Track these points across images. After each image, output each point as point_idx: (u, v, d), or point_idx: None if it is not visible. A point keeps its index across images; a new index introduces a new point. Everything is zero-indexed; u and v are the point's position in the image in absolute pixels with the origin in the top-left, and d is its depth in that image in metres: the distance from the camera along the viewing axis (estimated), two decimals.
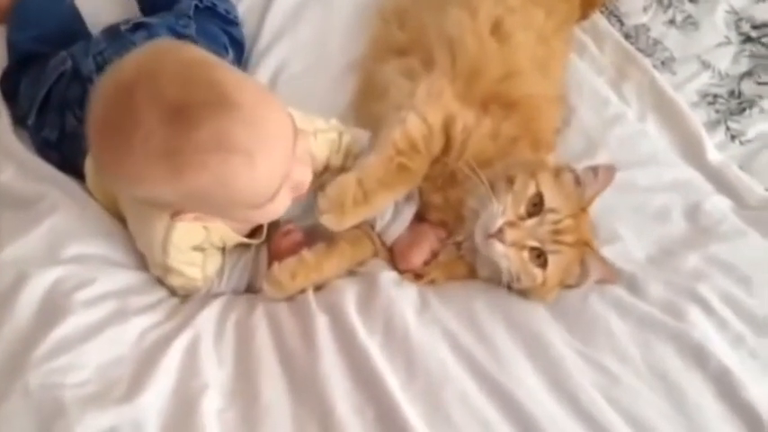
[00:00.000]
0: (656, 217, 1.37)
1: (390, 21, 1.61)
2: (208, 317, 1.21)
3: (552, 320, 1.20)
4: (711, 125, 1.58)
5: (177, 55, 1.01)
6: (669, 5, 1.77)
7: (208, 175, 0.99)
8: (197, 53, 1.03)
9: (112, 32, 1.42)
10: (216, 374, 1.12)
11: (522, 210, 1.23)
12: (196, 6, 1.51)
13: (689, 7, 1.77)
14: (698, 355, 1.15)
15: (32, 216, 1.25)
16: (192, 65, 1.00)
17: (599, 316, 1.21)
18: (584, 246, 1.25)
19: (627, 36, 1.73)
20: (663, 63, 1.68)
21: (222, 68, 1.02)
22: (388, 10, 1.64)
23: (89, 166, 1.30)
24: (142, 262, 1.29)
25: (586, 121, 1.53)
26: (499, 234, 1.21)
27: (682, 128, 1.54)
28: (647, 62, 1.65)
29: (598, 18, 1.75)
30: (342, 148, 1.34)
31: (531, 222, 1.22)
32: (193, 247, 1.21)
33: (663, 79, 1.62)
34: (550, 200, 1.23)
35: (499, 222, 1.21)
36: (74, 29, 1.54)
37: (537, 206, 1.23)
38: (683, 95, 1.61)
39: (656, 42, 1.72)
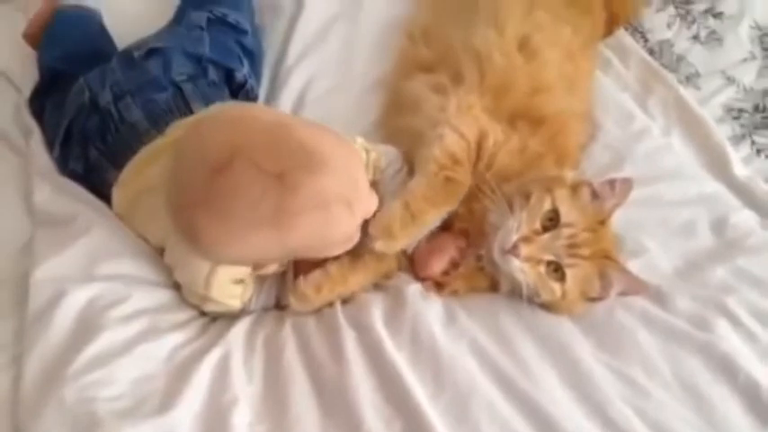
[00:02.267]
0: (682, 231, 1.37)
1: (416, 38, 1.63)
2: (237, 333, 1.23)
3: (579, 333, 1.20)
4: (736, 139, 1.58)
5: (256, 123, 1.05)
6: (693, 21, 1.78)
7: (312, 231, 1.05)
8: (270, 116, 1.09)
9: (127, 60, 1.43)
10: (246, 389, 1.13)
11: (538, 225, 1.23)
12: (208, 18, 1.52)
13: (713, 23, 1.78)
14: (726, 368, 1.15)
15: (67, 235, 1.27)
16: (274, 131, 1.04)
17: (626, 329, 1.21)
18: (604, 258, 1.25)
19: (651, 52, 1.74)
20: (687, 78, 1.69)
21: (298, 127, 1.06)
22: (413, 27, 1.66)
23: (116, 198, 1.33)
24: (174, 282, 1.31)
25: (612, 136, 1.53)
26: (514, 250, 1.22)
27: (707, 142, 1.54)
28: (671, 77, 1.66)
29: (622, 34, 1.76)
30: (370, 165, 1.34)
31: (546, 237, 1.23)
32: (235, 281, 1.23)
33: (688, 94, 1.62)
34: (566, 214, 1.23)
35: (514, 238, 1.22)
36: (100, 48, 1.55)
37: (553, 221, 1.24)
38: (708, 110, 1.61)
39: (681, 58, 1.73)
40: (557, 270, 1.23)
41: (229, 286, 1.23)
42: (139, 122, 1.35)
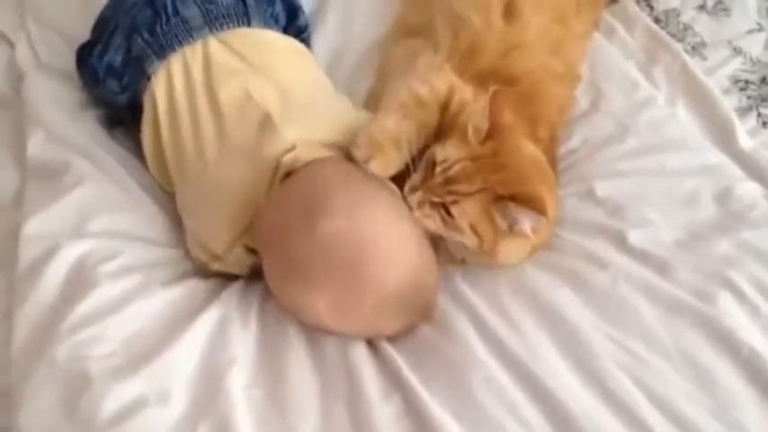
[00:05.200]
0: (685, 201, 1.34)
1: (408, 2, 1.61)
2: (236, 292, 1.23)
3: (580, 304, 1.18)
4: (742, 111, 1.54)
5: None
6: None
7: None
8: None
9: None
10: (243, 351, 1.12)
11: (429, 172, 1.19)
12: None
13: None
14: (728, 341, 1.13)
15: (58, 188, 1.26)
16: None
17: (627, 299, 1.18)
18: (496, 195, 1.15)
19: (657, 21, 1.70)
20: (693, 48, 1.66)
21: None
22: None
23: (158, 87, 1.31)
24: (166, 237, 1.30)
25: (615, 105, 1.50)
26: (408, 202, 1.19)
27: (713, 113, 1.51)
28: (677, 46, 1.62)
29: (627, 2, 1.73)
30: None
31: (430, 181, 1.18)
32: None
33: (694, 64, 1.59)
34: (440, 151, 1.18)
35: (406, 191, 1.20)
36: None
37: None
38: (714, 81, 1.58)
39: (687, 27, 1.70)
40: (448, 211, 1.18)
41: (246, 254, 1.24)
42: (193, 18, 1.34)
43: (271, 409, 1.07)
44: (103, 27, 1.38)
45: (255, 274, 1.25)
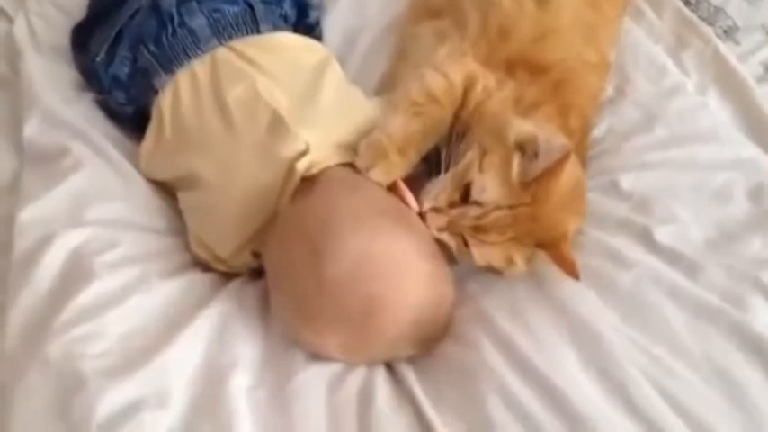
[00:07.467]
0: (716, 197, 1.27)
1: None
2: (237, 288, 1.18)
3: (603, 307, 1.11)
4: None
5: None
6: None
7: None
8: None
9: None
10: (246, 350, 1.08)
11: (456, 195, 1.14)
12: None
13: None
14: (760, 349, 1.07)
15: (55, 174, 1.21)
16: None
17: (654, 303, 1.12)
18: (532, 244, 1.13)
19: (687, 3, 1.62)
20: (725, 32, 1.58)
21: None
22: None
23: (167, 100, 1.26)
24: (165, 225, 1.26)
25: (642, 92, 1.43)
26: (425, 217, 1.14)
27: (745, 102, 1.43)
28: (708, 31, 1.54)
29: None
30: None
31: (455, 212, 1.13)
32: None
33: (726, 49, 1.51)
34: (478, 191, 1.12)
35: (425, 206, 1.14)
36: None
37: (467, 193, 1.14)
38: (747, 68, 1.50)
39: (718, 10, 1.61)
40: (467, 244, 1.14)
41: (252, 258, 1.19)
42: (201, 29, 1.28)
43: (275, 410, 1.03)
44: (105, 35, 1.32)
45: (258, 272, 1.20)
